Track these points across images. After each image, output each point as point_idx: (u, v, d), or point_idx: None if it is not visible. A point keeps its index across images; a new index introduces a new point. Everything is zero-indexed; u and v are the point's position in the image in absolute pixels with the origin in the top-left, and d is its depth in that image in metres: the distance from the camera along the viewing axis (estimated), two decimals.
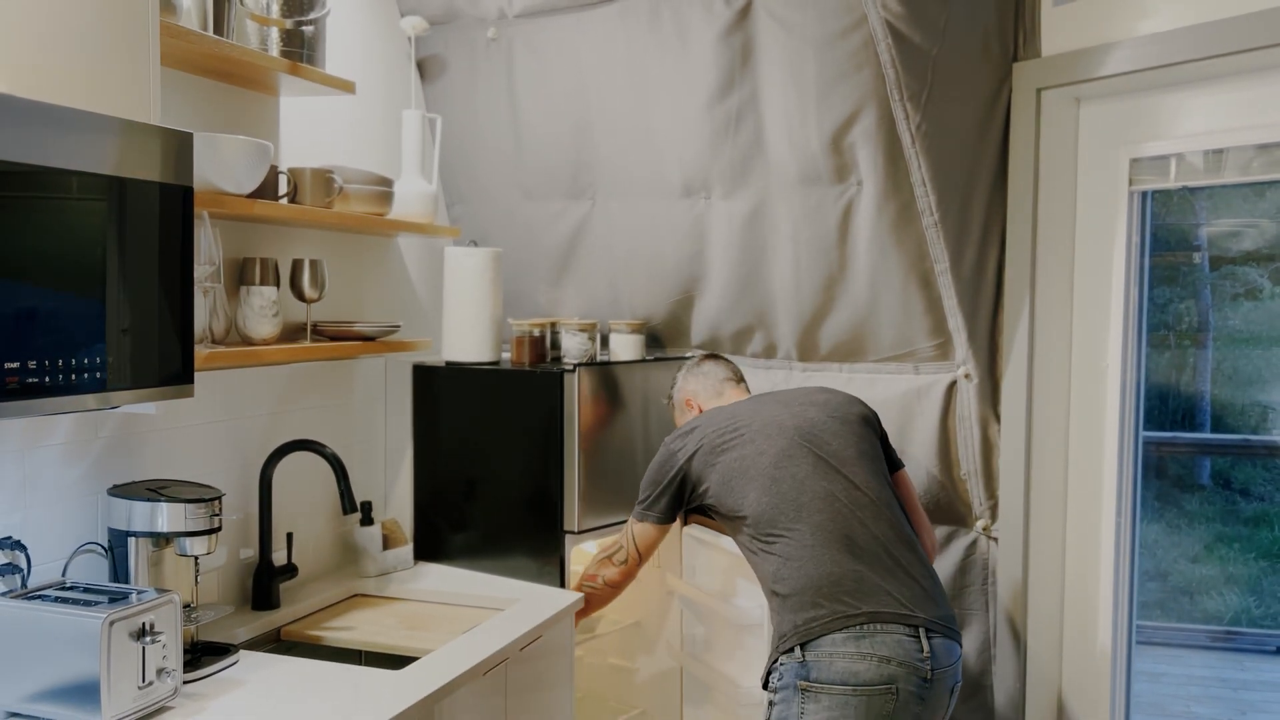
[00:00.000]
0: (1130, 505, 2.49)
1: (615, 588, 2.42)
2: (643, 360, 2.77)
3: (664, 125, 2.68)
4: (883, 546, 2.04)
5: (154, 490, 1.90)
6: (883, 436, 2.33)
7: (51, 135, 1.48)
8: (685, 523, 2.52)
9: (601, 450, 2.59)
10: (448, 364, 2.71)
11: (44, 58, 1.55)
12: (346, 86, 2.39)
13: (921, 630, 1.94)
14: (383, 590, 2.53)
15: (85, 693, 1.59)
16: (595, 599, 2.45)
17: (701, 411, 2.49)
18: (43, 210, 1.49)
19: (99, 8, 1.63)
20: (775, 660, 2.00)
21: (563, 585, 2.53)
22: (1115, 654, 2.49)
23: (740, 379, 2.57)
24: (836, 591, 1.96)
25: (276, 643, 2.26)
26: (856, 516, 2.06)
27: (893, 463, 2.31)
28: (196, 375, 1.77)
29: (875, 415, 2.33)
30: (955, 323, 2.48)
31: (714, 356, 2.63)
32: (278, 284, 2.25)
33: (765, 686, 2.04)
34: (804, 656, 1.94)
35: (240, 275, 2.22)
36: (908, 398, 2.58)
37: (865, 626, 1.92)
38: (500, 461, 2.64)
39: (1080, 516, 2.52)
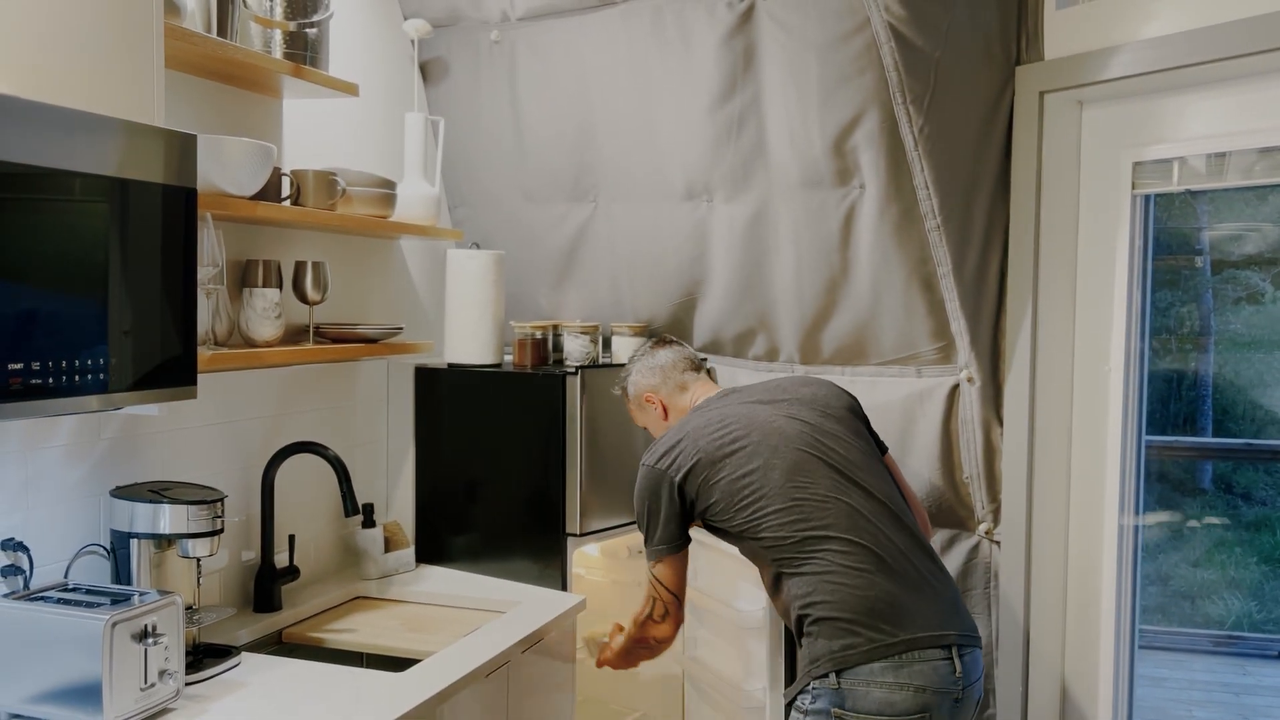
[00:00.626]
0: (1132, 509, 2.49)
1: (669, 640, 2.23)
2: None
3: (666, 128, 2.68)
4: (908, 560, 1.98)
5: (156, 492, 1.90)
6: (866, 422, 2.26)
7: (55, 137, 1.48)
8: None
9: (603, 453, 2.59)
10: (450, 366, 2.72)
11: (47, 59, 1.55)
12: (349, 89, 2.40)
13: (954, 650, 1.91)
14: (384, 592, 2.53)
15: (87, 694, 1.59)
16: (651, 656, 2.30)
17: (665, 408, 2.35)
18: (46, 212, 1.49)
19: (102, 10, 1.64)
20: (807, 684, 1.93)
21: (564, 588, 2.53)
22: (1118, 658, 2.49)
23: (699, 366, 2.41)
24: (873, 619, 1.90)
25: (278, 645, 2.26)
26: (880, 529, 1.98)
27: (880, 447, 2.24)
28: (199, 377, 1.76)
29: (858, 401, 2.27)
30: (958, 326, 2.48)
31: (666, 341, 2.44)
32: (280, 286, 2.25)
33: (791, 704, 1.99)
34: (839, 684, 1.88)
35: (243, 277, 2.23)
36: (910, 401, 2.58)
37: (903, 655, 1.87)
38: (502, 464, 2.64)
39: (1082, 520, 2.52)
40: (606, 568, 2.96)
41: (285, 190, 2.22)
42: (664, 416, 2.36)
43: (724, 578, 2.53)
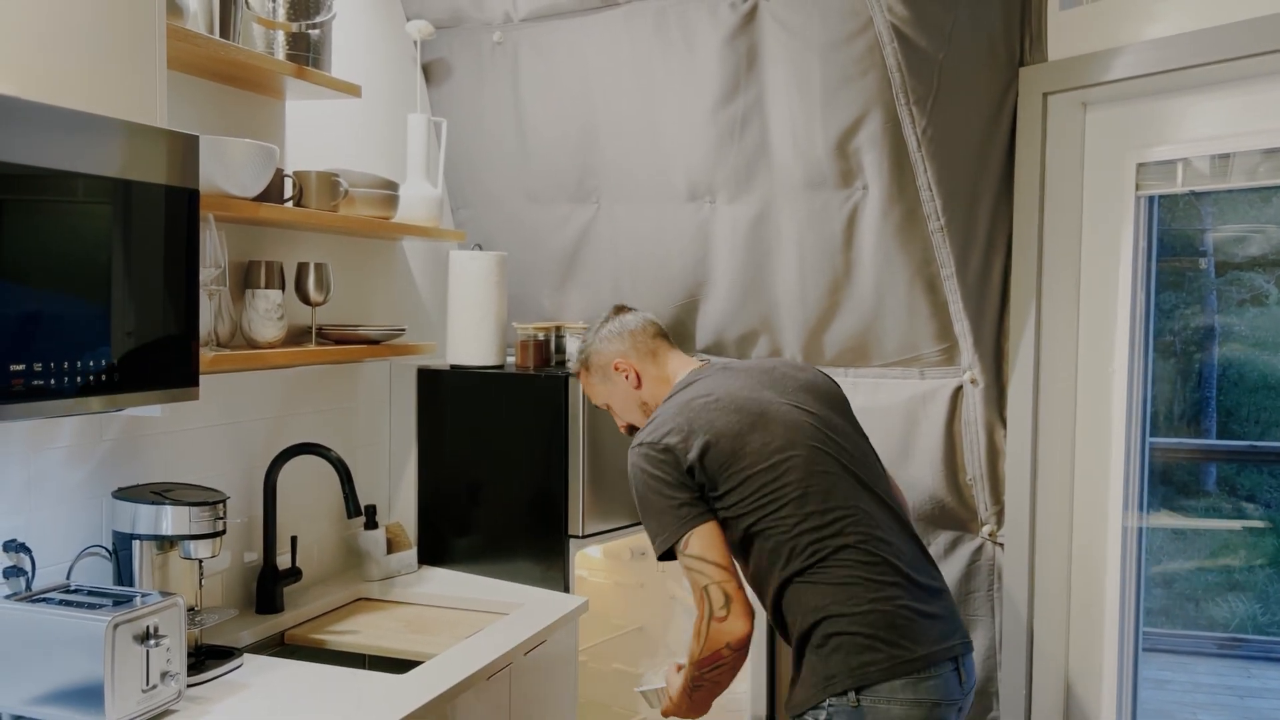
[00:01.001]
0: (1136, 510, 2.48)
1: (745, 642, 1.82)
2: None
3: (669, 129, 2.67)
4: (917, 570, 1.88)
5: (159, 493, 1.90)
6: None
7: (58, 138, 1.48)
8: None
9: (606, 454, 2.59)
10: (452, 367, 2.71)
11: (51, 60, 1.55)
12: (352, 90, 2.40)
13: (959, 659, 1.86)
14: (387, 594, 2.53)
15: (89, 696, 1.59)
16: (725, 678, 1.88)
17: (639, 377, 2.10)
18: (48, 213, 1.49)
19: (105, 11, 1.64)
20: (821, 700, 1.79)
21: (567, 590, 2.53)
22: (1122, 661, 2.48)
23: (666, 334, 2.17)
24: (893, 634, 1.78)
25: (280, 646, 2.26)
26: (892, 538, 1.86)
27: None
28: (201, 378, 1.76)
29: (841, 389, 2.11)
30: (961, 327, 2.48)
31: (628, 308, 2.21)
32: (283, 287, 2.25)
33: (798, 718, 1.86)
34: (859, 702, 1.77)
35: (245, 278, 2.23)
36: (913, 403, 2.57)
37: (921, 672, 1.79)
38: (504, 465, 2.64)
39: (1086, 522, 2.52)
40: (609, 570, 2.96)
41: (288, 191, 2.22)
42: (637, 386, 2.11)
43: None
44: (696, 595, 1.81)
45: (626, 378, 2.11)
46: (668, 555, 1.87)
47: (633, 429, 2.16)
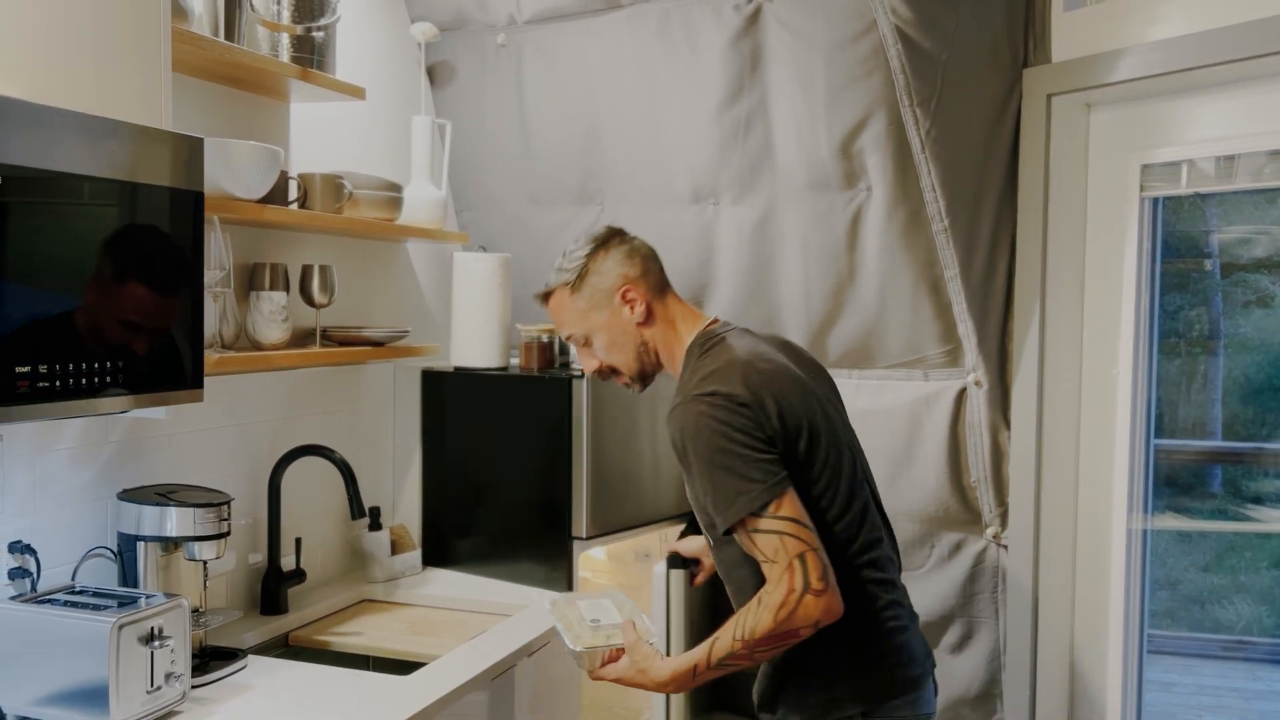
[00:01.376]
0: (1141, 512, 2.48)
1: (835, 610, 1.56)
2: None
3: (673, 131, 2.68)
4: (903, 586, 1.82)
5: (163, 495, 1.90)
6: None
7: (63, 140, 1.48)
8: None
9: (610, 456, 2.59)
10: (456, 369, 2.72)
11: (56, 63, 1.55)
12: (356, 92, 2.40)
13: (932, 672, 1.82)
14: (391, 596, 2.53)
15: (94, 697, 1.59)
16: (782, 651, 1.64)
17: (649, 312, 1.75)
18: (54, 215, 1.49)
19: (111, 14, 1.64)
20: (826, 717, 1.70)
21: (571, 591, 2.53)
22: (1126, 663, 2.48)
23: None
24: (899, 655, 1.72)
25: (284, 648, 2.27)
26: (893, 556, 1.79)
27: None
28: (206, 380, 1.77)
29: None
30: (965, 329, 2.48)
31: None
32: (287, 289, 2.25)
33: None
34: None
35: (250, 280, 2.23)
36: (917, 404, 2.57)
37: (916, 689, 1.74)
38: (508, 467, 2.64)
39: (1091, 524, 2.51)
40: (613, 571, 2.96)
41: (292, 193, 2.22)
42: (643, 322, 1.75)
43: None
44: (782, 566, 1.53)
45: (632, 309, 1.75)
46: (732, 527, 1.58)
47: (610, 371, 1.83)
